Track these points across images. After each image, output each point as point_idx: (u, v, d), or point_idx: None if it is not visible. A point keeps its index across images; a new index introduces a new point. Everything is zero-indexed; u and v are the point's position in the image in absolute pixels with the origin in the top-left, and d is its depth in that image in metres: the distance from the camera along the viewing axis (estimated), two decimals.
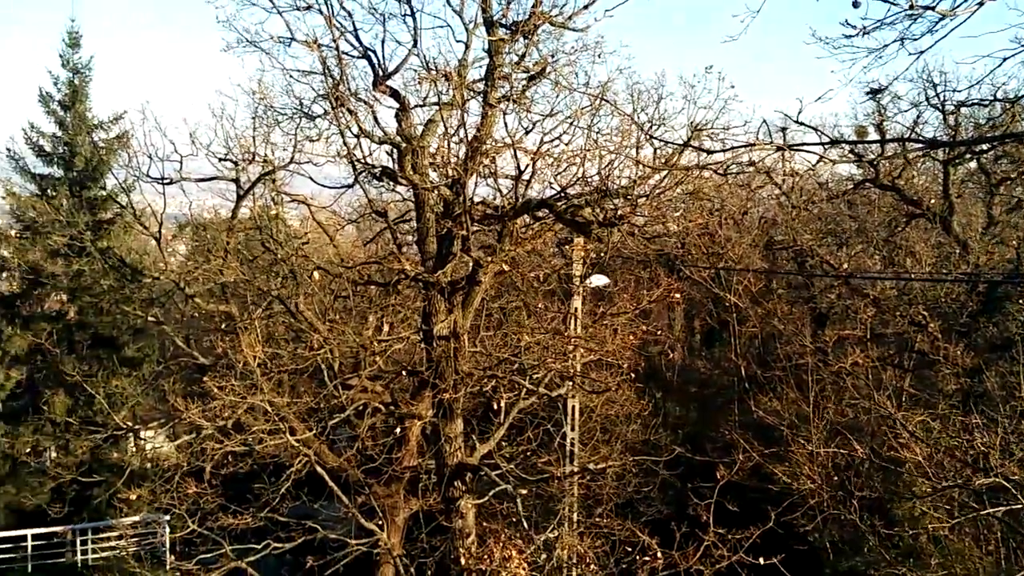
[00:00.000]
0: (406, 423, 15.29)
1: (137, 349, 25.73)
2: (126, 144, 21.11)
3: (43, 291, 25.66)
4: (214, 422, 12.15)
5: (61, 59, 25.85)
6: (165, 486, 14.04)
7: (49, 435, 23.21)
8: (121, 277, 19.07)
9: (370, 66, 13.17)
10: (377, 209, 14.85)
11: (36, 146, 26.01)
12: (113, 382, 18.23)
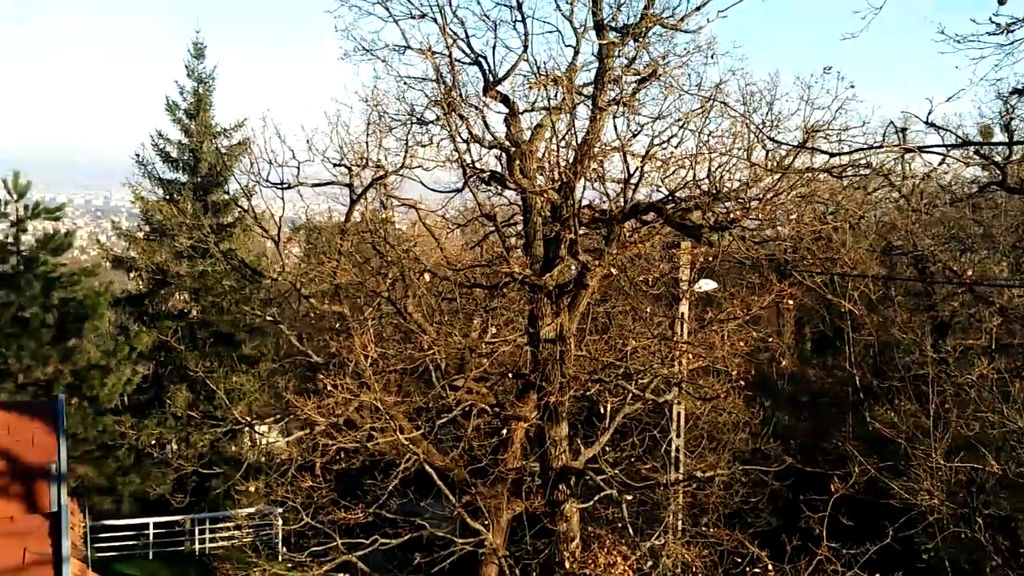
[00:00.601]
0: (511, 425, 15.41)
1: (254, 347, 26.82)
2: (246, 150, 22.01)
3: (168, 290, 27.07)
4: (328, 418, 12.53)
5: (187, 69, 27.26)
6: (280, 480, 14.57)
7: (171, 428, 24.44)
8: (242, 278, 19.90)
9: (481, 72, 13.36)
10: (486, 213, 15.02)
11: (163, 152, 27.49)
12: (233, 378, 18.99)
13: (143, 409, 25.04)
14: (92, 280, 23.31)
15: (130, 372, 22.72)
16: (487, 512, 14.62)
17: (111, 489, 22.99)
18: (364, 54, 13.68)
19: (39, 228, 23.36)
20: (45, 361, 21.22)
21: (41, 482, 8.00)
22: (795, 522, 15.36)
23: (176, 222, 20.37)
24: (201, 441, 21.38)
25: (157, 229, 26.49)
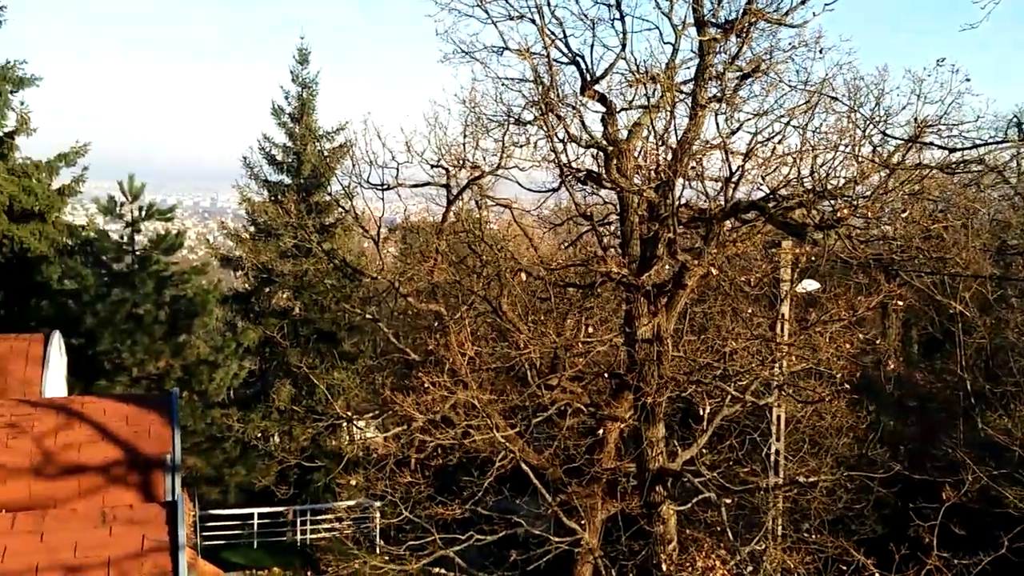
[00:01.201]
0: (606, 425, 15.33)
1: (353, 344, 27.47)
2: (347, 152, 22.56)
3: (273, 289, 27.97)
4: (425, 415, 12.71)
5: (291, 75, 28.12)
6: (378, 474, 14.87)
7: (275, 421, 25.26)
8: (343, 277, 20.39)
9: (578, 71, 13.32)
10: (582, 212, 14.98)
11: (269, 155, 28.42)
12: (334, 374, 19.50)
13: (249, 403, 25.93)
14: (201, 278, 24.29)
15: (237, 367, 23.59)
16: (582, 511, 14.59)
17: (218, 480, 23.90)
18: (463, 56, 13.81)
19: (151, 229, 24.44)
20: (157, 356, 22.23)
21: (157, 472, 8.35)
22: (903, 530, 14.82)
23: (281, 222, 21.03)
24: (303, 435, 21.98)
25: (263, 229, 27.39)
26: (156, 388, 22.38)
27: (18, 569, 5.36)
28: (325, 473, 22.92)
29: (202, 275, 24.65)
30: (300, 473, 23.71)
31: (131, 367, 22.03)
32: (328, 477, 22.04)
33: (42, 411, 8.38)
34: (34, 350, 10.25)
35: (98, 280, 21.97)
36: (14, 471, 7.72)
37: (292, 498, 21.92)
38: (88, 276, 21.84)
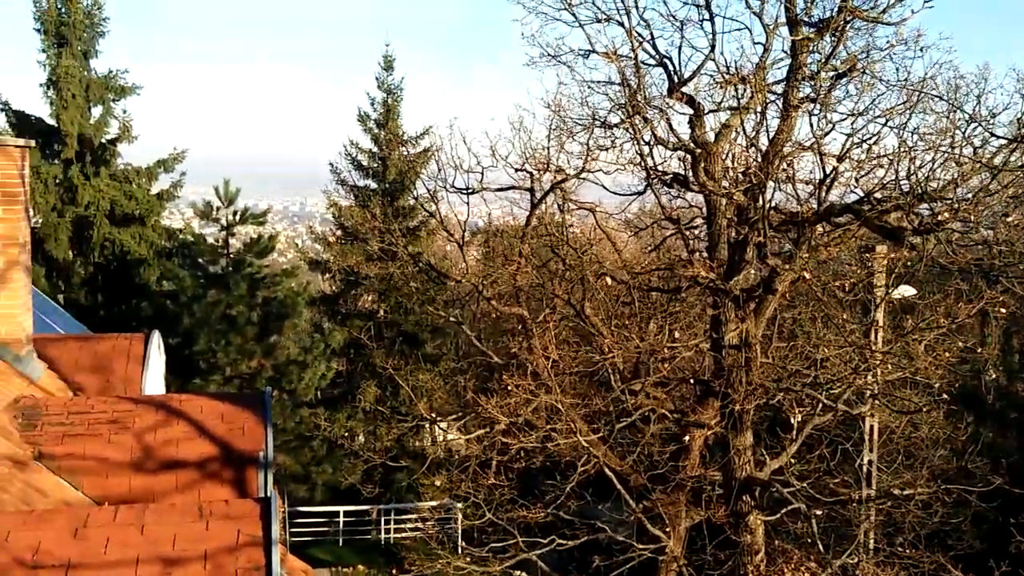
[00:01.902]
0: (691, 432, 15.10)
1: (436, 346, 27.76)
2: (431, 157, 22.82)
3: (358, 291, 28.49)
4: (508, 418, 12.75)
5: (377, 81, 28.60)
6: (461, 475, 14.97)
7: (360, 421, 25.69)
8: (427, 280, 20.63)
9: (666, 73, 13.17)
10: (669, 215, 14.80)
11: (355, 161, 28.97)
12: (418, 376, 19.73)
13: (335, 403, 26.44)
14: (291, 281, 24.90)
15: (324, 368, 24.09)
16: (666, 519, 14.40)
17: (306, 477, 24.42)
18: (549, 60, 13.82)
19: (245, 232, 25.19)
20: (250, 356, 22.89)
21: (250, 469, 8.52)
22: (1004, 546, 14.20)
23: (367, 226, 21.40)
24: (387, 435, 22.31)
25: (349, 233, 27.92)
26: (248, 387, 23.05)
27: (120, 560, 5.54)
28: (408, 473, 23.20)
29: (292, 278, 25.28)
30: (384, 472, 24.05)
31: (225, 366, 22.74)
32: (412, 477, 22.28)
33: (143, 408, 8.64)
34: (135, 349, 10.58)
35: (195, 282, 22.76)
36: (116, 465, 7.97)
37: (376, 497, 22.22)
38: (185, 278, 22.65)
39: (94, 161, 24.18)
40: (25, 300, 9.07)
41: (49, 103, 23.77)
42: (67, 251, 23.58)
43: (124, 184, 24.49)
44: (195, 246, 23.93)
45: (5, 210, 8.63)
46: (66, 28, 23.35)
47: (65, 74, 23.21)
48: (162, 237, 24.96)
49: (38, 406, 8.23)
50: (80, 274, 24.04)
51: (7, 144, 8.66)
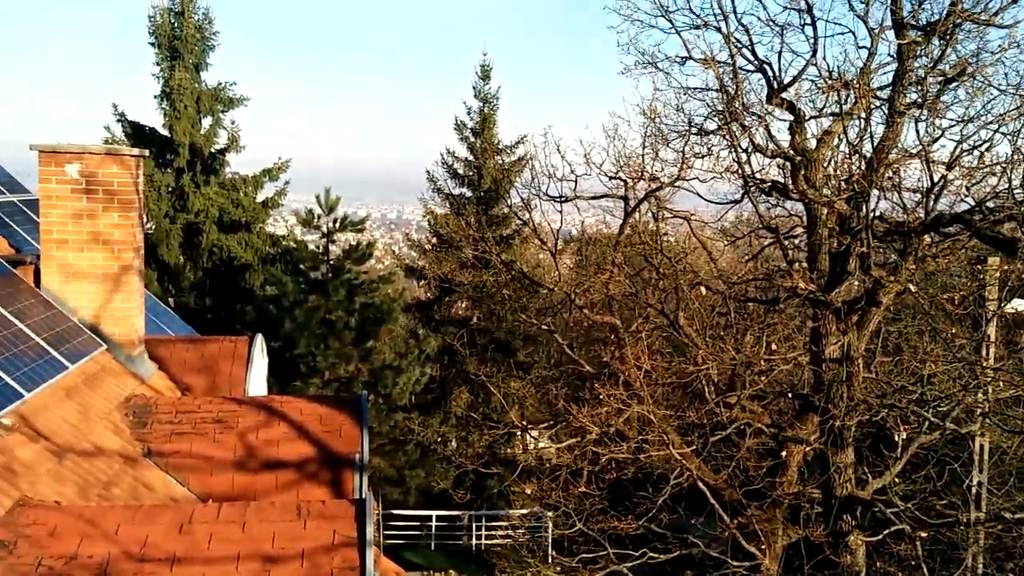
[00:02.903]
0: (788, 447, 14.69)
1: (527, 354, 27.83)
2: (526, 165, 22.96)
3: (452, 298, 28.83)
4: (600, 427, 12.67)
5: (474, 90, 28.94)
6: (552, 484, 14.94)
7: (453, 427, 25.96)
8: (520, 287, 20.73)
9: (765, 79, 12.91)
10: (767, 224, 14.48)
11: (451, 169, 29.37)
12: (510, 383, 19.82)
13: (429, 408, 26.79)
14: (388, 287, 25.38)
15: (419, 373, 24.43)
16: (762, 536, 14.04)
17: (400, 481, 24.80)
18: (644, 67, 13.74)
19: (344, 239, 25.79)
20: (347, 360, 23.41)
21: (347, 470, 8.70)
22: None
23: (463, 234, 21.65)
24: (479, 441, 22.48)
25: (445, 240, 28.30)
26: (345, 390, 23.58)
27: (222, 556, 5.73)
28: (499, 480, 23.32)
29: (389, 284, 25.77)
30: (476, 479, 24.22)
31: (323, 370, 23.33)
32: (503, 484, 22.39)
33: (246, 408, 8.94)
34: (240, 351, 10.95)
35: (296, 287, 23.44)
36: (220, 464, 8.26)
37: (468, 503, 22.40)
38: (288, 283, 23.35)
39: (204, 170, 25.23)
40: (138, 303, 9.51)
41: (163, 114, 24.93)
42: (178, 256, 24.65)
43: (232, 192, 25.48)
44: (297, 252, 24.66)
45: (121, 216, 9.08)
46: (179, 42, 24.46)
47: (178, 87, 24.31)
48: (266, 243, 25.85)
49: (148, 405, 8.61)
50: (189, 278, 25.09)
51: (122, 154, 9.10)
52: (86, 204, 8.88)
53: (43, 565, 5.36)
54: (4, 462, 6.22)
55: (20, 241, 10.71)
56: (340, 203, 24.78)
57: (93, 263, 8.99)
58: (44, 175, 8.80)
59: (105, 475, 7.12)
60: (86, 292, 9.00)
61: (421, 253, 30.03)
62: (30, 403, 6.99)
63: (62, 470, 6.70)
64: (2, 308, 7.78)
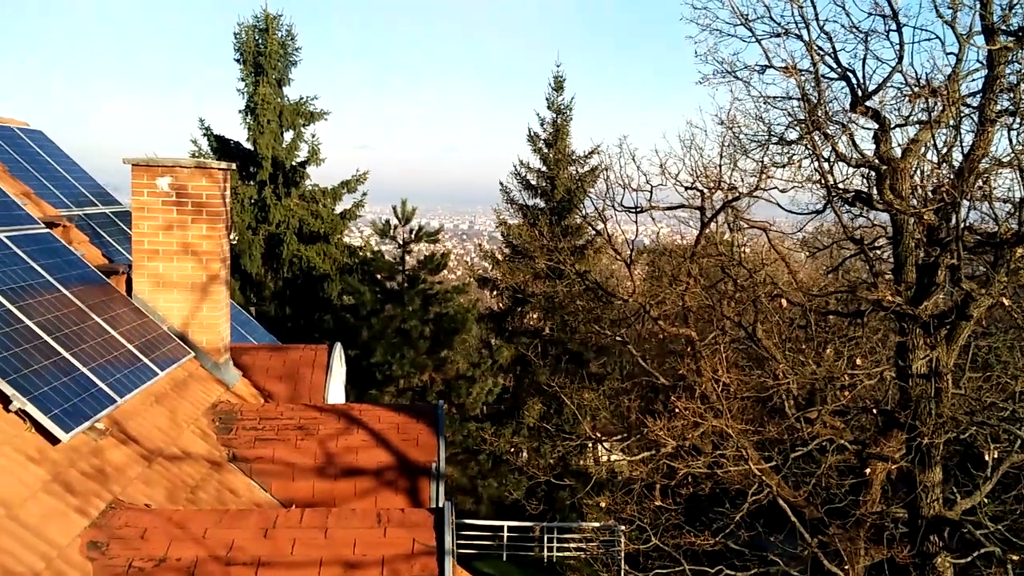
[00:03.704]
0: (872, 465, 14.26)
1: (600, 365, 27.70)
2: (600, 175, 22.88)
3: (525, 308, 28.90)
4: (676, 441, 12.50)
5: (547, 102, 29.04)
6: (625, 497, 14.78)
7: (525, 438, 25.95)
8: (594, 298, 20.65)
9: (848, 87, 12.60)
10: (851, 235, 14.12)
11: (523, 180, 29.50)
12: (584, 394, 19.74)
13: (501, 418, 26.86)
14: (462, 297, 25.56)
15: (491, 383, 24.53)
16: (844, 555, 13.64)
17: (472, 490, 24.91)
18: (723, 76, 13.56)
19: (419, 250, 26.10)
20: (422, 369, 23.65)
21: (423, 479, 8.76)
22: None
23: (536, 245, 21.70)
24: (551, 453, 22.43)
25: (518, 251, 28.40)
26: (419, 399, 23.82)
27: (305, 560, 5.82)
28: (572, 492, 23.22)
29: (463, 294, 25.97)
30: (548, 490, 24.15)
31: (398, 378, 23.62)
32: (575, 496, 22.27)
33: (326, 416, 9.09)
34: (320, 359, 11.15)
35: (373, 297, 23.80)
36: (301, 470, 8.41)
37: (541, 514, 22.35)
38: (365, 293, 23.74)
39: (285, 182, 25.86)
40: (225, 311, 9.77)
41: (247, 128, 25.66)
42: (260, 266, 25.29)
43: (311, 204, 26.06)
44: (374, 263, 25.06)
45: (209, 228, 9.35)
46: (263, 58, 25.16)
47: (261, 101, 25.00)
48: (344, 254, 26.34)
49: (234, 411, 8.83)
50: (270, 287, 25.72)
51: (211, 167, 9.39)
52: (176, 216, 9.18)
53: (133, 567, 5.54)
54: (97, 465, 6.45)
55: (112, 252, 11.13)
56: (415, 214, 25.12)
57: (182, 273, 9.29)
58: (137, 188, 9.13)
59: (192, 479, 7.33)
60: (175, 301, 9.30)
61: (494, 264, 30.20)
62: (122, 408, 7.24)
63: (151, 474, 6.92)
64: (96, 316, 8.09)
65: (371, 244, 27.83)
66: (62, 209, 10.85)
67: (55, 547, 5.30)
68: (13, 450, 5.79)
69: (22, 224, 8.37)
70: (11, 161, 11.29)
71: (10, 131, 12.69)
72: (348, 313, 24.42)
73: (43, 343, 6.80)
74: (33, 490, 5.60)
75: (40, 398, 6.14)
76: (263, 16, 25.48)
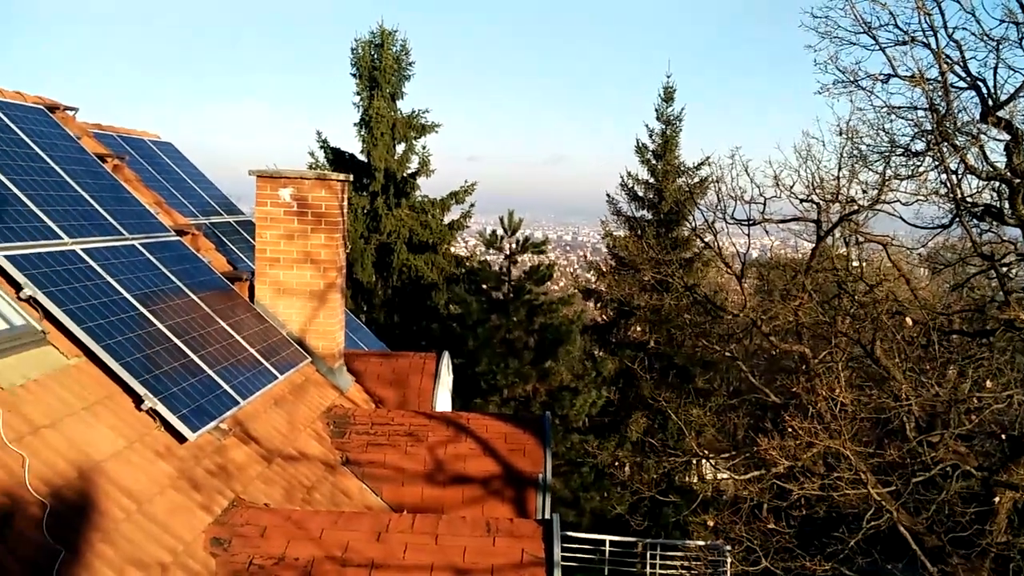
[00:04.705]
0: (998, 492, 13.50)
1: (706, 381, 27.14)
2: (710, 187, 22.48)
3: (629, 321, 28.64)
4: (790, 461, 12.11)
5: (656, 112, 28.80)
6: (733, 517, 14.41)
7: (628, 452, 25.64)
8: (702, 312, 20.30)
9: (978, 96, 11.99)
10: (980, 251, 13.44)
11: (630, 192, 29.31)
12: (692, 410, 19.38)
13: (604, 431, 26.64)
14: (566, 308, 25.52)
15: (595, 395, 24.36)
16: None
17: (575, 503, 24.77)
18: (843, 86, 13.14)
19: (525, 260, 26.20)
20: (525, 379, 23.70)
21: (530, 489, 8.76)
22: None
23: (644, 257, 21.48)
24: (655, 468, 22.10)
25: (624, 263, 28.20)
26: (523, 409, 23.87)
27: (416, 565, 5.89)
28: (676, 509, 22.78)
29: (568, 305, 25.92)
30: (651, 506, 23.78)
31: (502, 388, 23.73)
32: (680, 514, 21.85)
33: (435, 423, 9.20)
34: (428, 367, 11.32)
35: (479, 306, 24.02)
36: (411, 476, 8.54)
37: (644, 531, 22.01)
38: (471, 302, 23.99)
39: (396, 193, 26.44)
40: (340, 318, 10.05)
41: (361, 141, 26.38)
42: (371, 274, 25.91)
43: (421, 214, 26.55)
44: (480, 273, 25.31)
45: (327, 238, 9.64)
46: (378, 73, 25.83)
47: (376, 115, 25.66)
48: (451, 264, 26.71)
49: (347, 415, 9.06)
50: (380, 295, 26.31)
51: (330, 179, 9.68)
52: (297, 225, 9.50)
53: (254, 564, 5.73)
54: (220, 463, 6.71)
55: (235, 259, 11.60)
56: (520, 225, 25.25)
57: (301, 280, 9.60)
58: (261, 198, 9.50)
59: (308, 480, 7.54)
60: (294, 307, 9.62)
61: (599, 275, 30.05)
62: (244, 409, 7.52)
63: (270, 474, 7.16)
64: (221, 320, 8.43)
65: (477, 254, 28.12)
66: (190, 218, 11.38)
67: (181, 541, 5.53)
68: (144, 447, 6.09)
69: (155, 232, 8.81)
70: (144, 172, 11.93)
71: (143, 143, 13.42)
72: (454, 322, 24.72)
73: (173, 345, 7.13)
74: (162, 486, 5.87)
75: (169, 398, 6.44)
76: (379, 31, 26.18)
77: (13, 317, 6.01)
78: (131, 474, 5.69)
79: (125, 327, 6.74)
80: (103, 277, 7.13)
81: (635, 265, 26.40)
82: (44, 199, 7.39)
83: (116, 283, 7.22)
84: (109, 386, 6.30)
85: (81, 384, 6.10)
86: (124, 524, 5.24)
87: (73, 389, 5.98)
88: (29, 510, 4.72)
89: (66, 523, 4.86)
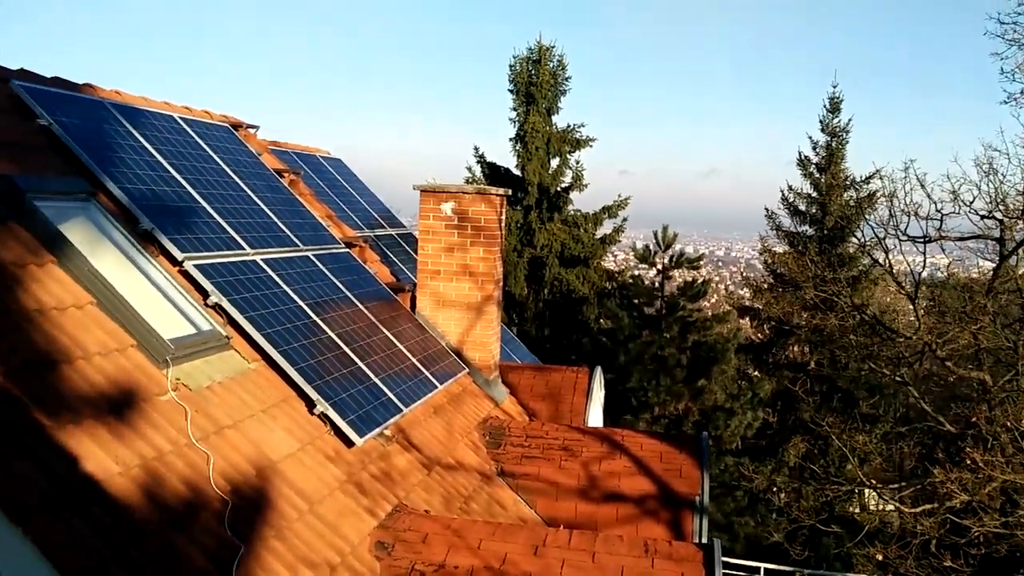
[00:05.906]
0: None
1: (871, 406, 25.68)
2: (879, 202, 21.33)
3: (787, 340, 27.55)
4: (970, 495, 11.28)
5: (821, 124, 27.68)
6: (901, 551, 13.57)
7: (784, 477, 24.61)
8: (871, 333, 19.26)
9: None
10: None
11: (791, 206, 28.26)
12: (857, 437, 18.38)
13: (760, 454, 25.72)
14: (721, 326, 24.86)
15: (751, 417, 23.57)
16: None
17: (728, 527, 24.02)
18: None
19: (678, 276, 25.75)
20: (678, 398, 23.23)
21: (685, 511, 8.54)
22: None
23: (807, 274, 20.62)
24: (814, 496, 21.11)
25: (783, 280, 27.22)
26: (674, 428, 23.39)
27: None
28: (836, 540, 21.65)
29: (723, 323, 25.25)
30: (809, 535, 22.71)
31: (654, 405, 23.35)
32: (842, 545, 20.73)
33: (589, 438, 9.15)
34: (581, 381, 11.28)
35: (631, 322, 23.78)
36: (565, 490, 8.51)
37: (803, 561, 21.01)
38: (623, 317, 23.78)
39: (549, 207, 26.63)
40: (496, 331, 10.17)
41: (516, 155, 26.75)
42: (523, 287, 26.17)
43: (573, 228, 26.62)
44: (633, 288, 25.05)
45: (486, 251, 9.79)
46: (534, 88, 26.13)
47: (531, 130, 25.96)
48: (603, 278, 26.61)
49: (503, 427, 9.14)
50: (532, 309, 26.52)
51: (490, 193, 9.83)
52: (457, 238, 9.71)
53: (415, 570, 5.84)
54: (384, 469, 6.90)
55: (396, 271, 11.98)
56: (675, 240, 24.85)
57: (460, 292, 9.80)
58: (424, 212, 9.78)
59: (465, 489, 7.65)
60: (453, 318, 9.82)
61: (756, 292, 29.11)
62: (407, 417, 7.72)
63: (430, 481, 7.30)
64: (385, 330, 8.71)
65: (629, 268, 27.87)
66: (356, 231, 11.85)
67: (348, 544, 5.71)
68: (315, 450, 6.35)
69: (327, 244, 9.22)
70: (316, 186, 12.54)
71: (315, 159, 14.12)
72: (605, 337, 24.56)
73: (342, 352, 7.42)
74: (331, 488, 6.09)
75: (339, 403, 6.69)
76: (536, 48, 26.49)
77: (201, 322, 6.42)
78: (303, 475, 5.94)
79: (300, 334, 7.07)
80: (280, 286, 7.51)
81: (796, 282, 25.38)
82: (229, 212, 7.88)
83: (292, 292, 7.59)
84: (284, 390, 6.62)
85: (260, 387, 6.43)
86: (296, 523, 5.46)
87: (253, 392, 6.32)
88: (212, 505, 4.99)
89: (244, 519, 5.12)
